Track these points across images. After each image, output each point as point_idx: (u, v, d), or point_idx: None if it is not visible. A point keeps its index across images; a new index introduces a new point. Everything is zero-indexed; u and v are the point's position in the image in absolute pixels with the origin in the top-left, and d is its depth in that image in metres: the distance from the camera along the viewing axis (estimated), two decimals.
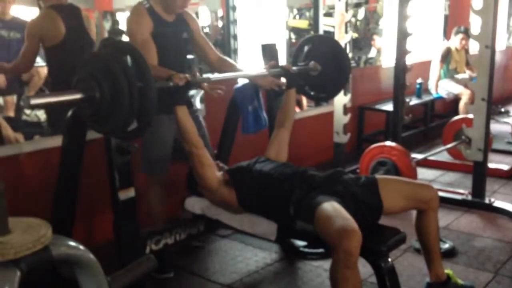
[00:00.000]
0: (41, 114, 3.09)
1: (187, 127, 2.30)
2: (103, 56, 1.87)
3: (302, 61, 2.98)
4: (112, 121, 1.84)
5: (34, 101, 1.71)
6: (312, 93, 3.10)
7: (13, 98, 3.01)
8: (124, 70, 1.79)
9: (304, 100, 4.82)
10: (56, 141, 2.71)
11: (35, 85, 3.01)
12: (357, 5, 5.78)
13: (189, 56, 3.51)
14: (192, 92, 3.13)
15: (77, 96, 1.81)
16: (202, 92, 3.65)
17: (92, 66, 1.84)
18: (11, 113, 3.00)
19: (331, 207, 2.00)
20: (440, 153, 4.67)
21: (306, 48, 3.01)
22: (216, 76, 2.60)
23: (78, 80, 1.84)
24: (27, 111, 3.04)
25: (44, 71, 3.04)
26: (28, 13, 3.06)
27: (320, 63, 2.92)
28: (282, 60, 3.60)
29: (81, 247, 1.17)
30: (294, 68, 2.83)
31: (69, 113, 2.42)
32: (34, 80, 3.00)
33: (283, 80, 2.80)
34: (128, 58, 1.96)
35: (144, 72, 1.87)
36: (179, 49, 2.73)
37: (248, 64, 4.06)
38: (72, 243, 1.17)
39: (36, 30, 2.83)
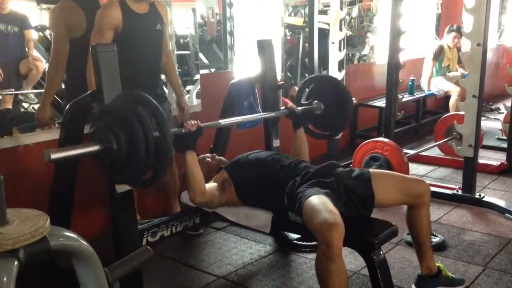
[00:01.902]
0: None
1: (194, 174, 2.25)
2: (119, 108, 1.88)
3: (306, 100, 3.03)
4: (129, 171, 1.85)
5: (54, 156, 1.71)
6: (316, 130, 3.14)
7: (11, 91, 3.02)
8: (141, 121, 1.80)
9: None
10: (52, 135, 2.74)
11: (34, 79, 3.00)
12: (352, 3, 5.82)
13: (186, 52, 3.55)
14: (189, 87, 3.16)
15: (95, 148, 1.82)
16: (198, 87, 3.69)
17: (108, 118, 1.85)
18: (9, 106, 3.01)
19: (318, 200, 2.04)
20: (432, 149, 4.73)
21: (309, 87, 3.04)
22: (225, 121, 2.65)
23: (95, 131, 1.86)
24: (25, 105, 3.06)
25: (42, 65, 3.04)
26: (25, 8, 3.07)
27: (323, 102, 2.97)
28: (277, 57, 3.64)
29: (79, 238, 1.16)
30: (299, 108, 2.88)
31: (67, 106, 2.45)
32: (33, 74, 2.98)
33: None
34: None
35: (160, 122, 1.87)
36: (151, 41, 2.76)
37: (244, 59, 4.10)
38: (70, 234, 1.16)
39: (61, 17, 2.74)
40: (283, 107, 2.86)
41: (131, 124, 1.79)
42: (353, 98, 3.08)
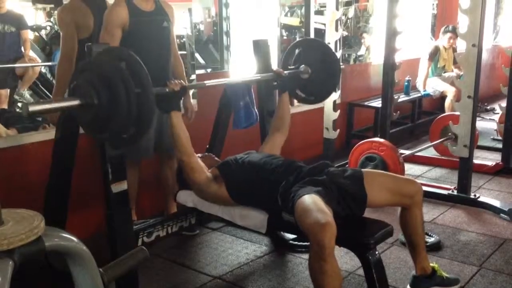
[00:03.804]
0: None
1: (180, 134, 2.28)
2: (100, 63, 1.87)
3: (293, 64, 3.01)
4: (110, 127, 1.84)
5: (32, 108, 1.71)
6: (303, 95, 3.13)
7: (7, 91, 3.00)
8: (122, 77, 1.78)
9: None
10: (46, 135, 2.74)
11: (30, 79, 2.99)
12: (348, 3, 5.83)
13: (182, 53, 3.52)
14: None
15: (75, 102, 1.81)
16: None
17: (90, 73, 1.84)
18: (5, 106, 3.00)
19: (310, 199, 2.03)
20: (427, 149, 4.74)
21: (296, 51, 3.04)
22: (210, 82, 2.65)
23: (76, 86, 1.85)
24: (21, 105, 3.04)
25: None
26: (20, 8, 3.06)
27: (310, 66, 2.96)
28: (274, 57, 3.65)
29: (74, 238, 1.15)
30: (286, 72, 2.88)
31: None
32: (29, 74, 2.96)
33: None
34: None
35: (142, 78, 1.86)
36: (159, 37, 2.78)
37: (240, 59, 4.10)
38: (65, 235, 1.15)
39: (70, 17, 2.75)
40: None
41: (111, 80, 1.77)
42: (341, 64, 3.07)
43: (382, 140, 3.72)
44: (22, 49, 3.00)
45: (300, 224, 2.00)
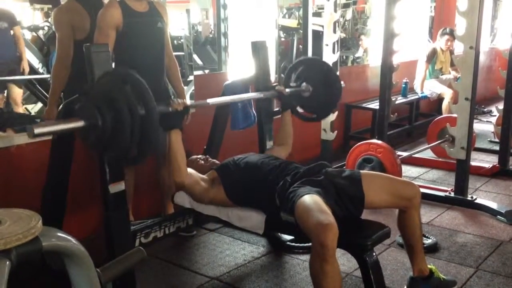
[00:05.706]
0: (31, 108, 3.09)
1: (177, 153, 2.24)
2: (105, 85, 1.88)
3: (294, 82, 3.04)
4: (114, 148, 1.85)
5: (37, 130, 1.72)
6: (304, 113, 3.16)
7: (3, 94, 2.98)
8: (127, 99, 1.79)
9: None
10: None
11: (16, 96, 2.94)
12: (346, 6, 5.84)
13: (180, 54, 3.52)
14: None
15: (80, 124, 1.83)
16: (192, 88, 3.69)
17: (94, 94, 1.85)
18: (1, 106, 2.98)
19: (311, 199, 2.04)
20: (425, 151, 4.75)
21: (297, 69, 3.06)
22: (213, 100, 2.66)
23: (81, 107, 1.86)
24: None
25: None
26: (19, 8, 3.04)
27: (312, 85, 2.99)
28: (272, 58, 3.65)
29: (71, 238, 1.16)
30: (287, 90, 2.89)
31: (60, 106, 2.45)
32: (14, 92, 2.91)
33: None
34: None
35: (147, 100, 1.86)
36: (153, 38, 2.78)
37: (238, 61, 4.11)
38: (62, 235, 1.15)
39: (66, 18, 2.75)
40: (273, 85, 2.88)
41: (116, 102, 1.78)
42: (342, 82, 3.10)
43: (379, 141, 3.73)
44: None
45: (302, 225, 2.00)
